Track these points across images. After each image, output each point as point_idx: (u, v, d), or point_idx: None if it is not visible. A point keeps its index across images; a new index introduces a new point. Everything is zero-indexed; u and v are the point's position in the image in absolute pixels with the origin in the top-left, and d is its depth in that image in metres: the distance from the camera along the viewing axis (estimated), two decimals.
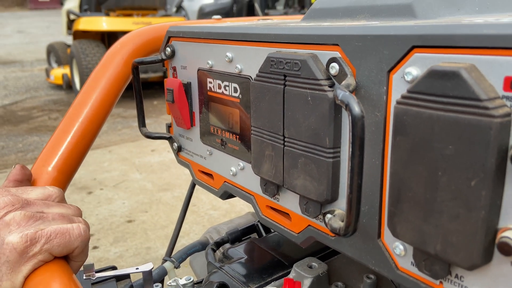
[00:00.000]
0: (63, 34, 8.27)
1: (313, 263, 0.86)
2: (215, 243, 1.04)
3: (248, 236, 1.12)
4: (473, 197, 0.39)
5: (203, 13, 8.78)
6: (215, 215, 3.18)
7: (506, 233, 0.38)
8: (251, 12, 7.93)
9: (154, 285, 0.97)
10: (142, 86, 0.87)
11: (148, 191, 3.64)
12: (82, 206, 3.43)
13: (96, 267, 0.94)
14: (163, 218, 3.19)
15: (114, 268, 0.95)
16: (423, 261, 0.46)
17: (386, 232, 0.51)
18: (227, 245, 1.08)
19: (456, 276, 0.45)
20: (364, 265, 0.55)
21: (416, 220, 0.45)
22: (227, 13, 7.96)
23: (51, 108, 6.76)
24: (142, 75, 6.30)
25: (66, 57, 7.89)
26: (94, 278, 0.84)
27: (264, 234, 1.12)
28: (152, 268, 0.90)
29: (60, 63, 8.14)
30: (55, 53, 8.31)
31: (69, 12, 7.39)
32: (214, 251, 1.02)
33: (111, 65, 0.88)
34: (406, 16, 0.56)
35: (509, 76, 0.37)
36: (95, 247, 2.79)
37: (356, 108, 0.45)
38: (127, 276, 0.94)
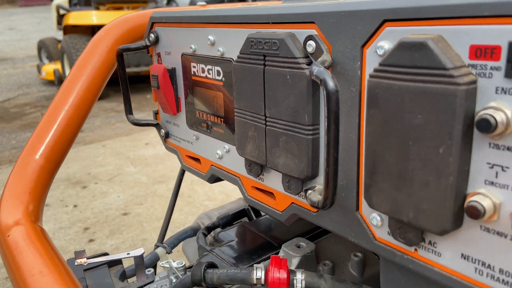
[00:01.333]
0: (54, 29, 8.21)
1: (301, 243, 0.88)
2: (206, 227, 1.05)
3: (239, 221, 1.14)
4: (441, 164, 0.40)
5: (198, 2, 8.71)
6: (211, 205, 3.20)
7: (474, 198, 0.40)
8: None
9: (147, 270, 0.99)
10: (135, 79, 0.87)
11: (143, 184, 3.65)
12: (77, 200, 3.44)
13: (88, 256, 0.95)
14: (159, 210, 3.20)
15: (106, 254, 0.96)
16: (398, 229, 0.48)
17: (364, 205, 0.53)
18: (218, 230, 1.09)
19: (430, 242, 0.46)
20: (351, 244, 0.57)
21: (390, 190, 0.46)
22: (220, 1, 7.89)
23: (43, 104, 6.73)
24: (134, 69, 6.28)
25: (57, 53, 7.83)
26: (85, 264, 0.85)
27: (254, 218, 1.14)
28: (144, 253, 0.91)
29: (51, 59, 8.09)
30: (46, 49, 8.25)
31: (58, 7, 7.33)
32: (205, 235, 1.04)
33: (96, 52, 0.89)
34: None
35: (474, 45, 0.38)
36: (91, 240, 2.80)
37: (331, 83, 0.46)
38: (119, 261, 0.96)
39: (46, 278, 0.53)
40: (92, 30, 7.25)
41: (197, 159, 0.86)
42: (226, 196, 3.30)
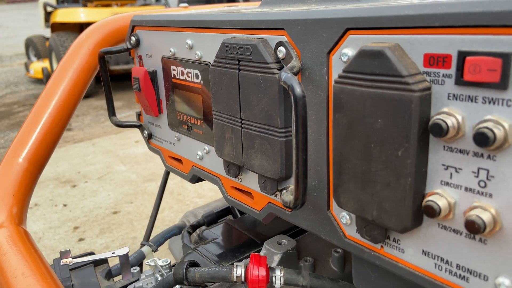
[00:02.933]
0: (41, 27, 8.12)
1: (283, 240, 0.90)
2: (191, 226, 1.07)
3: (223, 218, 1.16)
4: (400, 166, 0.43)
5: (184, 2, 8.67)
6: (201, 202, 3.22)
7: (431, 197, 0.42)
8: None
9: (132, 268, 1.00)
10: (124, 77, 0.88)
11: (133, 182, 3.65)
12: (66, 199, 3.44)
13: None
14: (149, 208, 3.21)
15: (91, 254, 0.98)
16: (364, 227, 0.50)
17: (334, 204, 0.55)
18: (204, 228, 1.11)
19: (394, 239, 0.48)
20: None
21: (355, 190, 0.48)
22: (207, 1, 7.86)
23: (32, 102, 6.67)
24: (123, 66, 6.25)
25: (45, 51, 7.76)
26: (71, 264, 0.87)
27: (238, 216, 1.16)
28: (128, 252, 0.93)
29: (39, 56, 8.01)
30: (34, 47, 8.17)
31: (45, 4, 7.25)
32: (190, 233, 1.05)
33: (78, 55, 0.90)
34: (351, 0, 0.59)
35: (428, 53, 0.41)
36: (81, 239, 2.81)
37: (298, 89, 0.48)
38: (104, 261, 0.97)
39: (28, 279, 0.55)
40: (80, 27, 7.19)
41: (179, 160, 0.88)
42: (216, 193, 3.32)
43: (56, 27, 6.96)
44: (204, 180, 0.84)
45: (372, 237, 0.49)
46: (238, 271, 0.71)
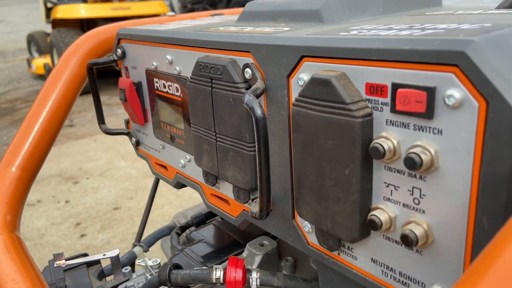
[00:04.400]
0: (42, 22, 8.17)
1: (265, 241, 0.95)
2: (179, 227, 1.12)
3: (212, 219, 1.21)
4: (347, 183, 0.47)
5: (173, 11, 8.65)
6: (200, 198, 3.27)
7: (374, 212, 0.47)
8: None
9: (124, 268, 1.06)
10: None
11: (134, 178, 3.71)
12: (68, 196, 3.50)
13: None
14: None
15: (85, 255, 1.03)
16: (322, 237, 0.55)
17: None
18: (193, 228, 1.16)
19: (348, 248, 0.53)
20: None
21: (313, 203, 0.53)
22: (191, 10, 7.80)
23: (34, 99, 6.71)
24: None
25: (46, 46, 7.81)
26: (64, 266, 0.92)
27: None
28: (119, 254, 0.98)
29: (41, 52, 8.06)
30: (36, 43, 8.22)
31: (46, 0, 7.28)
32: (179, 234, 1.10)
33: (68, 67, 0.94)
34: (316, 21, 0.63)
35: (369, 83, 0.45)
36: (82, 235, 2.87)
37: (258, 111, 0.52)
38: (97, 262, 1.02)
39: (18, 285, 0.60)
40: (81, 23, 7.22)
41: (164, 167, 0.92)
42: None
43: (57, 23, 6.99)
44: (187, 186, 0.88)
45: (329, 246, 0.54)
46: (217, 273, 0.75)
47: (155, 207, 3.17)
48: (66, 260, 0.96)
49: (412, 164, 0.40)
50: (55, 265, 0.93)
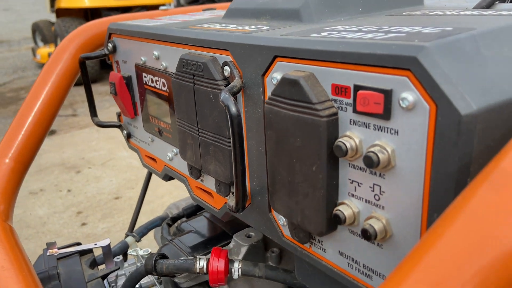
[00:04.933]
0: (47, 11, 8.18)
1: (251, 233, 0.97)
2: (171, 218, 1.15)
3: (203, 211, 1.23)
4: (315, 179, 0.49)
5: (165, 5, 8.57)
6: None
7: (339, 207, 0.49)
8: None
9: (116, 257, 1.09)
10: None
11: (135, 168, 3.75)
12: (71, 185, 3.55)
13: (84, 243, 1.06)
14: (149, 193, 3.28)
15: (78, 244, 1.06)
16: (294, 230, 0.57)
17: None
18: (184, 219, 1.19)
19: (318, 240, 0.55)
20: None
21: (285, 198, 0.55)
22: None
23: None
24: None
25: (51, 36, 7.83)
26: (56, 254, 0.95)
27: None
28: (110, 243, 1.01)
29: (46, 41, 8.09)
30: (40, 32, 8.24)
31: None
32: (170, 225, 1.13)
33: (60, 60, 0.96)
34: (295, 20, 0.65)
35: (334, 83, 0.46)
36: (83, 224, 2.92)
37: (233, 109, 0.54)
38: (89, 251, 1.06)
39: (6, 272, 0.62)
40: (85, 12, 7.23)
41: (153, 159, 0.95)
42: None
43: (61, 13, 7.01)
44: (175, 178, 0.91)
45: (300, 239, 0.56)
46: (201, 263, 0.78)
47: (155, 197, 3.22)
48: (59, 249, 0.99)
49: (370, 162, 0.42)
50: (48, 254, 0.96)
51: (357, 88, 0.43)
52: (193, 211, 1.19)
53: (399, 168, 0.42)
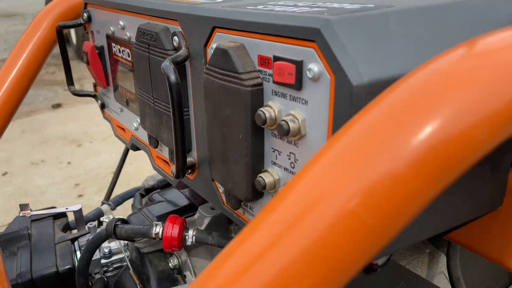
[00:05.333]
0: None
1: None
2: (145, 189, 1.18)
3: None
4: (241, 147, 0.51)
5: None
6: None
7: (262, 174, 0.51)
8: None
9: (89, 223, 1.13)
10: None
11: None
12: (71, 158, 3.61)
13: None
14: (146, 169, 3.35)
15: (53, 208, 1.10)
16: (227, 196, 0.59)
17: None
18: (158, 191, 1.22)
19: (249, 207, 0.57)
20: None
21: (219, 166, 0.57)
22: None
23: (48, 62, 6.80)
24: None
25: None
26: (28, 216, 0.99)
27: None
28: (81, 209, 1.04)
29: None
30: None
31: None
32: (143, 196, 1.16)
33: (38, 29, 0.98)
34: None
35: (260, 55, 0.48)
36: (80, 195, 2.99)
37: (172, 77, 0.56)
38: (64, 215, 1.09)
39: None
40: None
41: (123, 129, 0.97)
42: None
43: None
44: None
45: (232, 205, 0.58)
46: (157, 229, 0.81)
47: (148, 172, 3.26)
48: (33, 211, 1.03)
49: (281, 130, 0.44)
50: (20, 215, 1.00)
51: (275, 59, 0.45)
52: (167, 183, 1.21)
53: (309, 137, 0.44)
